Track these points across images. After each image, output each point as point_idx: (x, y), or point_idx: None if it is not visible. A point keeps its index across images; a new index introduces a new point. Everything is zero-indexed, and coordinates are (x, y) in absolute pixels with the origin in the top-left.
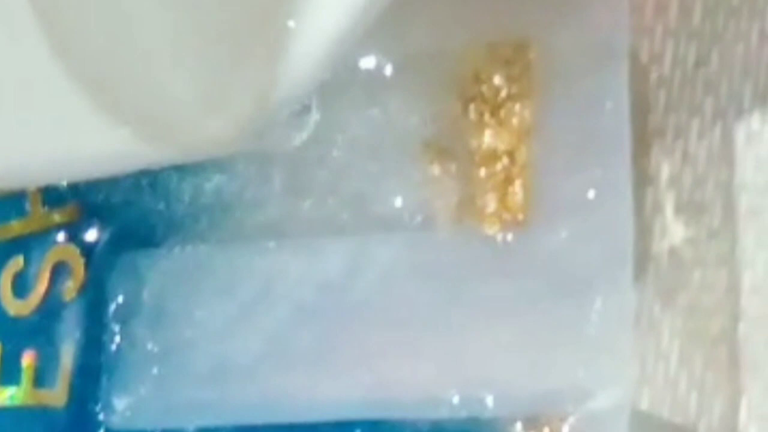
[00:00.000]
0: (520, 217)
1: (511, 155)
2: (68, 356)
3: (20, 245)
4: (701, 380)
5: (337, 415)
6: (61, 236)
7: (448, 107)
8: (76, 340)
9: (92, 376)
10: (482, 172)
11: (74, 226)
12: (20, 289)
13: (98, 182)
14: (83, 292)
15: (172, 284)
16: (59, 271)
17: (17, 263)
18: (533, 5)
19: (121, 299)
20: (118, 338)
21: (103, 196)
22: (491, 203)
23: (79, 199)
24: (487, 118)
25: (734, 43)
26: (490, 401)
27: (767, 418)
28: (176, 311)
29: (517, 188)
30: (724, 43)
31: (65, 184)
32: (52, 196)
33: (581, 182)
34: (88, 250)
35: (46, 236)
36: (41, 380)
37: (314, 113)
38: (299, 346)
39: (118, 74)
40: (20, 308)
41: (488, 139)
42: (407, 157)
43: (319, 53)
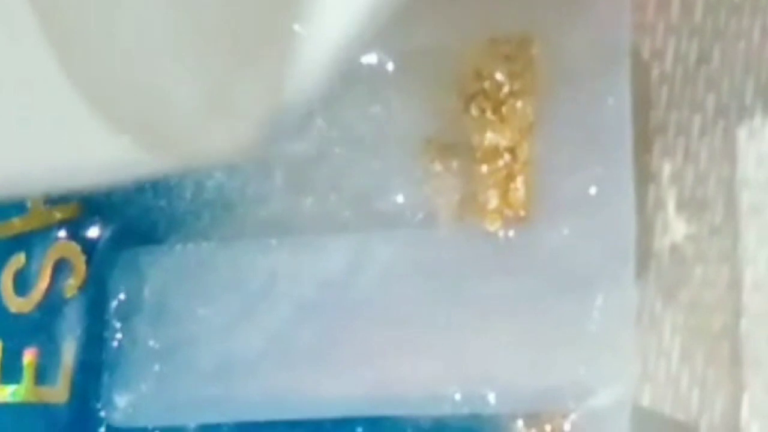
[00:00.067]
0: (521, 213)
1: (512, 152)
2: (69, 353)
3: (21, 242)
4: (703, 377)
5: (339, 412)
6: (62, 233)
7: (449, 104)
8: (77, 337)
9: (94, 373)
10: (484, 168)
11: (75, 223)
12: (21, 286)
13: None
14: (84, 289)
15: (173, 281)
16: (60, 268)
17: (18, 260)
18: (535, 2)
19: (122, 296)
20: (119, 335)
21: (104, 193)
22: (493, 200)
23: (80, 195)
24: (488, 114)
25: (736, 40)
26: (491, 398)
27: None
28: (178, 308)
29: (518, 185)
30: (725, 40)
31: None
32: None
33: (583, 179)
34: (89, 247)
35: (47, 233)
36: (43, 377)
37: (317, 119)
38: (301, 343)
39: (119, 82)
40: (22, 305)
41: (490, 135)
42: (409, 154)
43: (326, 58)
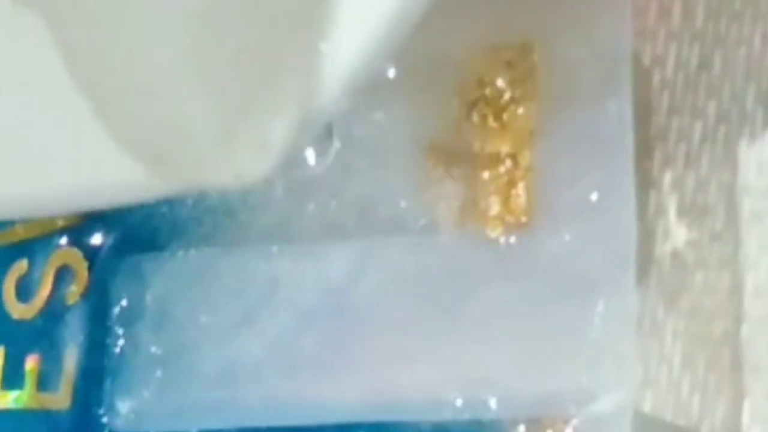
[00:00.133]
0: (523, 219)
1: (514, 158)
2: (72, 360)
3: (24, 249)
4: (704, 383)
5: (341, 417)
6: (64, 240)
7: (451, 110)
8: (79, 343)
9: (96, 379)
10: (485, 175)
11: (77, 229)
12: (24, 292)
13: None
14: (87, 295)
15: (175, 288)
16: (63, 274)
17: (21, 267)
18: (536, 8)
19: (124, 303)
20: (121, 341)
21: None
22: (494, 206)
23: None
24: (490, 121)
25: (737, 46)
26: (493, 403)
27: None
28: (180, 315)
29: (520, 191)
30: (726, 46)
31: None
32: None
33: (584, 185)
34: (91, 253)
35: (49, 240)
36: (45, 384)
37: (335, 140)
38: (303, 349)
39: (134, 109)
40: (24, 312)
41: (491, 142)
42: (410, 160)
43: (345, 78)
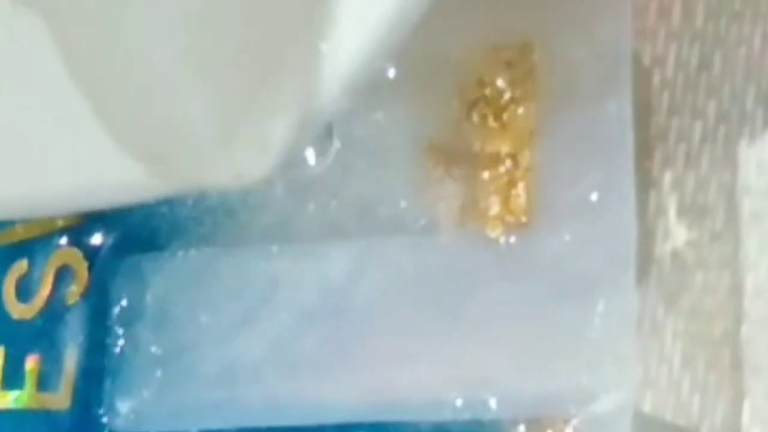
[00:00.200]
0: (523, 219)
1: (514, 158)
2: (72, 360)
3: (24, 249)
4: (704, 383)
5: (341, 417)
6: (64, 240)
7: (451, 110)
8: (79, 343)
9: (96, 379)
10: (485, 175)
11: (78, 229)
12: (24, 292)
13: None
14: (87, 295)
15: (175, 288)
16: (63, 274)
17: (21, 267)
18: (536, 8)
19: (124, 303)
20: (121, 341)
21: None
22: (494, 206)
23: None
24: (490, 121)
25: (737, 46)
26: (493, 403)
27: None
28: (180, 315)
29: (520, 191)
30: (726, 46)
31: None
32: None
33: (584, 185)
34: (91, 253)
35: (49, 240)
36: (45, 384)
37: (335, 140)
38: (303, 349)
39: (133, 108)
40: (24, 312)
41: (491, 142)
42: (410, 160)
43: (345, 78)
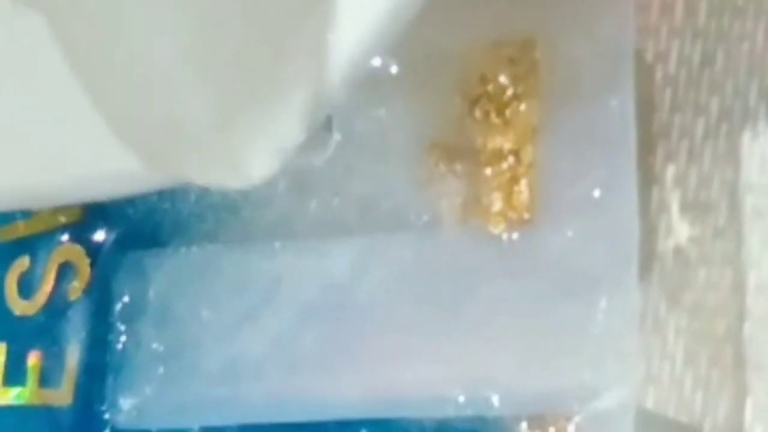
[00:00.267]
0: (525, 216)
1: (516, 154)
2: (74, 356)
3: (26, 246)
4: (706, 379)
5: (343, 414)
6: (66, 236)
7: (453, 107)
8: (81, 339)
9: (98, 375)
10: (488, 171)
11: (79, 226)
12: (26, 289)
13: None
14: (89, 292)
15: (177, 284)
16: (65, 271)
17: (23, 263)
18: (539, 4)
19: (126, 299)
20: (123, 338)
21: None
22: (497, 202)
23: None
24: (492, 117)
25: (740, 42)
26: (495, 400)
27: None
28: (182, 311)
29: (522, 187)
30: (729, 42)
31: None
32: None
33: (587, 181)
34: (93, 250)
35: (51, 236)
36: (47, 380)
37: (335, 132)
38: (305, 345)
39: (131, 102)
40: (26, 308)
41: (494, 138)
42: (413, 157)
43: (344, 72)
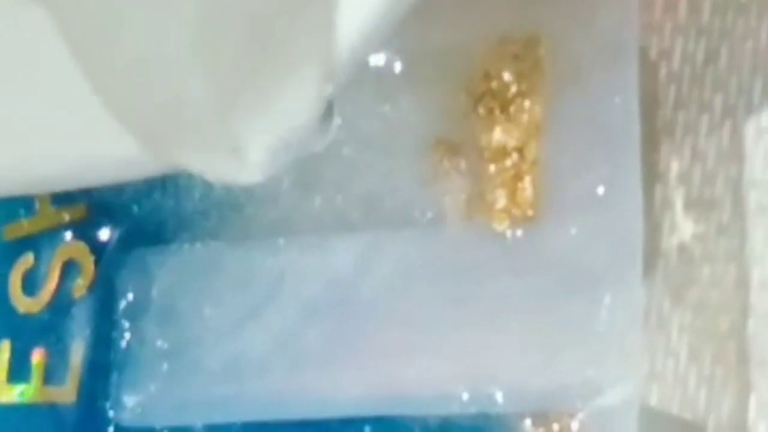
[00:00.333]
0: (529, 213)
1: (520, 151)
2: (78, 353)
3: (30, 243)
4: (710, 376)
5: (346, 411)
6: (70, 234)
7: (457, 103)
8: (85, 337)
9: (102, 373)
10: (492, 168)
11: (84, 223)
12: (30, 286)
13: None
14: (93, 289)
15: (182, 281)
16: (69, 268)
17: (27, 261)
18: (543, 1)
19: (131, 296)
20: (128, 335)
21: (112, 193)
22: (501, 199)
23: (88, 196)
24: (496, 114)
25: (744, 39)
26: (499, 397)
27: None
28: (186, 308)
29: (526, 184)
30: (733, 39)
31: None
32: (61, 194)
33: (590, 178)
34: (97, 247)
35: (55, 234)
36: (51, 377)
37: (336, 117)
38: (309, 342)
39: (131, 84)
40: (30, 306)
41: (498, 135)
42: (417, 153)
43: (343, 60)
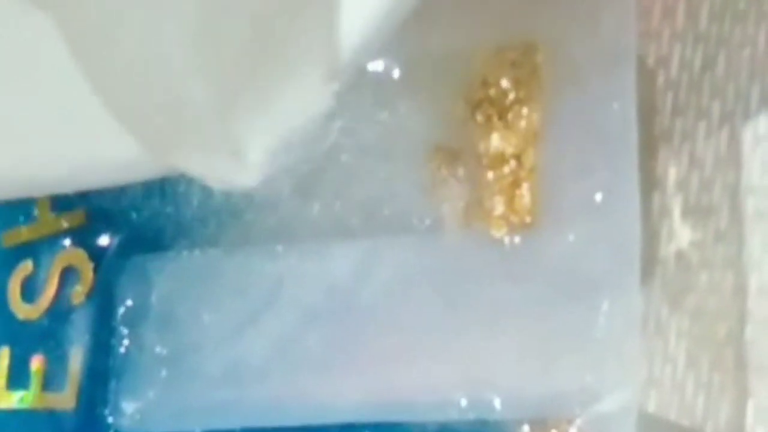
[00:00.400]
0: (527, 220)
1: (518, 158)
2: (77, 360)
3: (29, 250)
4: (708, 383)
5: (345, 417)
6: (69, 241)
7: (455, 110)
8: (84, 343)
9: (101, 379)
10: (490, 175)
11: (82, 230)
12: (29, 293)
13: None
14: (92, 296)
15: (180, 288)
16: (68, 275)
17: (26, 268)
18: (541, 9)
19: (129, 303)
20: (126, 342)
21: (111, 200)
22: (499, 206)
23: (87, 203)
24: (494, 121)
25: (741, 46)
26: (497, 403)
27: None
28: (185, 315)
29: (524, 191)
30: (730, 46)
31: None
32: (60, 201)
33: (588, 185)
34: (96, 254)
35: (54, 241)
36: (50, 384)
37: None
38: (308, 349)
39: (132, 85)
40: (29, 312)
41: (496, 142)
42: (415, 160)
43: (343, 64)
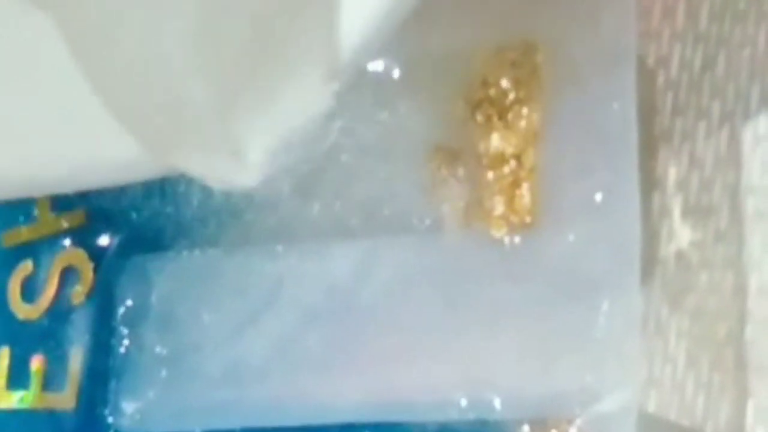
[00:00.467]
0: (527, 220)
1: (518, 158)
2: (77, 360)
3: (29, 250)
4: (708, 383)
5: (345, 417)
6: (69, 241)
7: (455, 110)
8: (84, 343)
9: (101, 379)
10: (490, 175)
11: (82, 230)
12: (29, 293)
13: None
14: (92, 296)
15: (180, 288)
16: (68, 275)
17: (26, 268)
18: (541, 8)
19: (129, 303)
20: (126, 342)
21: (111, 200)
22: (499, 206)
23: (87, 203)
24: (494, 121)
25: (741, 46)
26: (497, 403)
27: None
28: (185, 315)
29: (524, 191)
30: (730, 46)
31: None
32: (60, 201)
33: (588, 185)
34: (96, 254)
35: (54, 241)
36: (50, 384)
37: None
38: (308, 349)
39: (133, 86)
40: (29, 312)
41: (496, 142)
42: (415, 160)
43: (343, 64)
